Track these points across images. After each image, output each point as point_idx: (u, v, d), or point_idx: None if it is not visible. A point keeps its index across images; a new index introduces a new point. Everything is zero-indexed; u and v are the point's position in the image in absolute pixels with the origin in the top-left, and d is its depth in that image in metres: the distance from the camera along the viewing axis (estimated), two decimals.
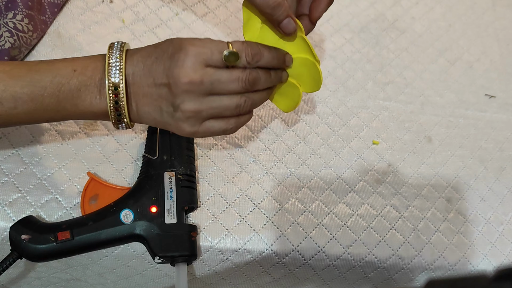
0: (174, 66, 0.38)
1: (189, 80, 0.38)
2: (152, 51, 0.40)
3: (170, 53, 0.39)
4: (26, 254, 0.42)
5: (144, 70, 0.39)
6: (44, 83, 0.38)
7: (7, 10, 0.51)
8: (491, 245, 0.60)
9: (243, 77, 0.40)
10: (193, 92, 0.38)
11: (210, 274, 0.52)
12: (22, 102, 0.38)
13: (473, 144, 0.68)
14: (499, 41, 0.81)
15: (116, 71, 0.39)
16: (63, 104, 0.39)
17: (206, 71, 0.38)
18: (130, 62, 0.40)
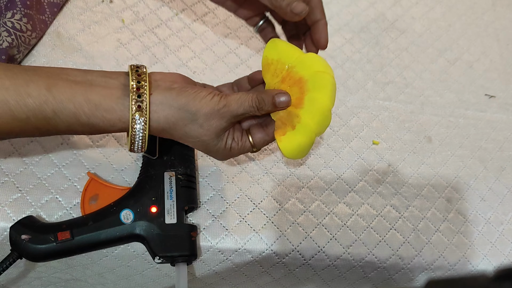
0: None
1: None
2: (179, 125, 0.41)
3: (203, 151, 0.44)
4: (26, 254, 0.42)
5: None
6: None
7: (6, 10, 0.51)
8: (491, 245, 0.60)
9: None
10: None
11: (210, 274, 0.52)
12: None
13: (473, 144, 0.68)
14: (499, 41, 0.81)
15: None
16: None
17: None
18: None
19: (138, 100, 0.38)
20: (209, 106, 0.40)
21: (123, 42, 0.59)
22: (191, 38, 0.63)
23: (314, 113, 0.42)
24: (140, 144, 0.40)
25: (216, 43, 0.63)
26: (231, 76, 0.62)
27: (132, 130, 0.38)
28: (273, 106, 0.41)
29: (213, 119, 0.40)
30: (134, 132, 0.39)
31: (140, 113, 0.38)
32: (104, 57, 0.57)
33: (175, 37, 0.62)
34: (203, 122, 0.40)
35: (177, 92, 0.39)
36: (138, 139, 0.39)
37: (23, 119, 0.36)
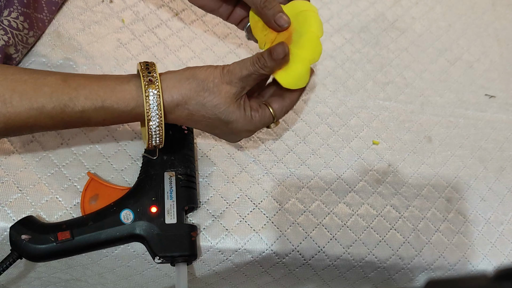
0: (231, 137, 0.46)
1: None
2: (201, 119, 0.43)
3: (223, 130, 0.44)
4: (26, 254, 0.42)
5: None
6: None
7: (4, 8, 0.51)
8: (491, 245, 0.60)
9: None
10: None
11: (210, 274, 0.52)
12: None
13: (473, 144, 0.68)
14: (499, 41, 0.81)
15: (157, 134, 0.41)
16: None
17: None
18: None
19: (149, 75, 0.40)
20: (214, 73, 0.41)
21: (123, 42, 0.59)
22: (191, 38, 0.63)
23: (302, 43, 0.44)
24: (157, 124, 0.40)
25: (216, 43, 0.63)
26: None
27: (146, 103, 0.39)
28: (271, 59, 0.41)
29: (221, 84, 0.41)
30: (148, 108, 0.39)
31: (153, 85, 0.39)
32: (104, 57, 0.57)
33: (175, 37, 0.62)
34: (213, 87, 0.41)
35: (182, 70, 0.42)
36: (154, 116, 0.39)
37: (39, 107, 0.37)
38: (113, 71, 0.57)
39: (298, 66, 0.43)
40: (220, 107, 0.41)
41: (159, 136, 0.41)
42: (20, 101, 0.37)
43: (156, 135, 0.41)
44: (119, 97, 0.39)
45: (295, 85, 0.44)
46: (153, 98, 0.39)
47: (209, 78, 0.41)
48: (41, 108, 0.37)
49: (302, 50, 0.43)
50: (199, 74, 0.41)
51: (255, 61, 0.41)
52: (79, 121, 0.39)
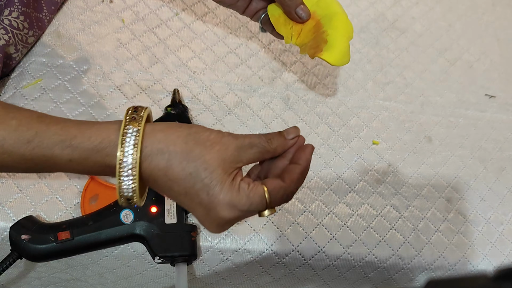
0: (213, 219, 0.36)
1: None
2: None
3: (201, 201, 0.35)
4: (26, 254, 0.42)
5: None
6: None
7: (4, 8, 0.51)
8: (491, 245, 0.60)
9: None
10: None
11: (210, 274, 0.52)
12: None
13: (473, 144, 0.68)
14: (499, 41, 0.81)
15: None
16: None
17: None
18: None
19: (134, 113, 0.34)
20: (211, 130, 0.36)
21: (123, 42, 0.59)
22: (191, 38, 0.63)
23: (335, 25, 0.47)
24: (130, 167, 0.32)
25: (216, 43, 0.63)
26: (231, 76, 0.62)
27: (122, 139, 0.32)
28: (280, 136, 0.37)
29: (217, 143, 0.35)
30: (123, 144, 0.32)
31: (134, 123, 0.33)
32: (104, 57, 0.57)
33: (175, 37, 0.62)
34: (206, 141, 0.34)
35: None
36: (128, 156, 0.32)
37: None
38: (113, 71, 0.57)
39: (339, 44, 0.46)
40: (205, 163, 0.33)
41: (132, 188, 0.33)
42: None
43: (129, 182, 0.33)
44: (93, 134, 0.33)
45: (341, 61, 0.47)
46: (131, 135, 0.32)
47: (204, 132, 0.35)
48: (1, 141, 0.32)
49: (337, 30, 0.47)
50: (194, 127, 0.35)
51: (261, 135, 0.37)
52: (42, 160, 0.33)
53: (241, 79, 0.62)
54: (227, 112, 0.59)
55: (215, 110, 0.58)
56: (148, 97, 0.57)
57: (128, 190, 0.33)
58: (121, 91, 0.56)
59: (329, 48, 0.46)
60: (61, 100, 0.53)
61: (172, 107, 0.53)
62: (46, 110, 0.52)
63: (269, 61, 0.65)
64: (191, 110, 0.57)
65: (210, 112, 0.58)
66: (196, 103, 0.58)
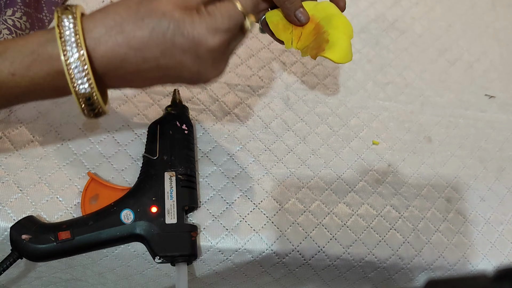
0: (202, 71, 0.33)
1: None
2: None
3: (183, 48, 0.31)
4: (27, 254, 0.42)
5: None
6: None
7: (6, 7, 0.51)
8: (491, 245, 0.60)
9: None
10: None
11: (210, 274, 0.52)
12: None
13: (473, 144, 0.68)
14: (499, 41, 0.81)
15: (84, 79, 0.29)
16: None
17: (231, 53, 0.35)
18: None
19: (65, 6, 0.30)
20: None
21: None
22: None
23: (335, 24, 0.48)
24: (82, 72, 0.29)
25: None
26: (231, 76, 0.62)
27: (60, 36, 0.29)
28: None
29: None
30: (62, 32, 0.29)
31: (68, 12, 0.29)
32: None
33: None
34: (153, 2, 0.31)
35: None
36: (71, 45, 0.29)
37: None
38: None
39: (342, 42, 0.47)
40: (161, 11, 0.30)
41: (87, 78, 0.29)
42: None
43: (82, 77, 0.29)
44: (28, 40, 0.30)
45: (345, 58, 0.47)
46: (68, 22, 0.29)
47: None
48: None
49: (338, 29, 0.47)
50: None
51: None
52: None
53: (241, 79, 0.62)
54: (227, 112, 0.59)
55: (215, 110, 0.58)
56: (148, 97, 0.57)
57: (84, 85, 0.29)
58: (121, 91, 0.56)
59: (331, 46, 0.46)
60: (61, 100, 0.53)
61: (172, 107, 0.53)
62: (46, 110, 0.52)
63: (269, 61, 0.65)
64: (191, 110, 0.57)
65: (210, 112, 0.58)
66: (196, 103, 0.58)
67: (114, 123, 0.54)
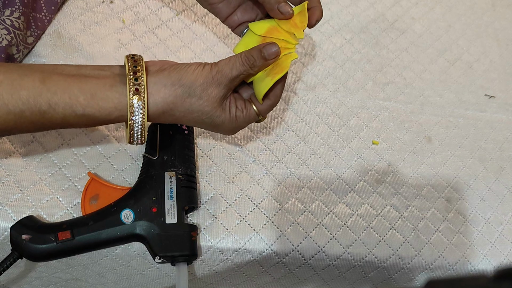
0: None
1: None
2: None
3: (210, 129, 0.45)
4: (27, 254, 0.42)
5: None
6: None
7: (4, 7, 0.51)
8: (491, 245, 0.60)
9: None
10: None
11: (211, 274, 0.52)
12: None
13: (473, 144, 0.68)
14: (499, 41, 0.81)
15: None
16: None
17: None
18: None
19: (136, 83, 0.38)
20: (202, 76, 0.40)
21: (123, 42, 0.59)
22: (192, 38, 0.63)
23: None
24: (139, 134, 0.39)
25: (216, 44, 0.64)
26: None
27: (130, 116, 0.38)
28: (262, 59, 0.42)
29: (209, 87, 0.40)
30: (133, 120, 0.38)
31: (138, 96, 0.38)
32: (105, 57, 0.57)
33: (176, 37, 0.62)
34: (200, 93, 0.40)
35: (169, 71, 0.40)
36: (137, 127, 0.38)
37: (17, 112, 0.36)
38: None
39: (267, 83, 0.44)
40: (207, 113, 0.41)
41: (141, 138, 0.40)
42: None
43: (138, 138, 0.40)
44: (101, 106, 0.38)
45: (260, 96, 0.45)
46: (137, 110, 0.38)
47: (196, 82, 0.40)
48: (19, 113, 0.36)
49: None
50: (186, 79, 0.40)
51: (244, 61, 0.41)
52: (61, 125, 0.39)
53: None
54: None
55: None
56: None
57: (138, 142, 0.40)
58: None
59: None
60: None
61: None
62: None
63: None
64: None
65: None
66: None
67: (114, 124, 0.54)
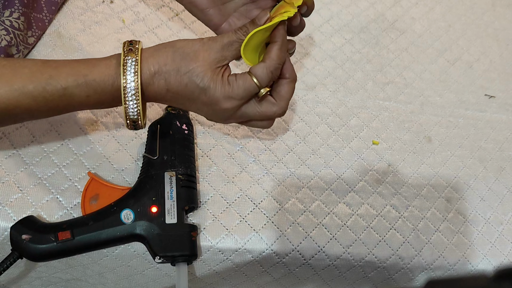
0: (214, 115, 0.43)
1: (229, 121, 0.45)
2: (178, 88, 0.41)
3: (203, 102, 0.42)
4: (27, 254, 0.42)
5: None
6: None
7: (4, 8, 0.51)
8: (491, 245, 0.60)
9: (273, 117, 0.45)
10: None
11: (210, 274, 0.52)
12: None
13: (473, 144, 0.68)
14: (499, 41, 0.81)
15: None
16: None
17: (242, 114, 0.44)
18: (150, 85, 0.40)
19: (130, 46, 0.40)
20: (194, 42, 0.41)
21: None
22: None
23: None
24: (133, 92, 0.39)
25: None
26: None
27: (123, 70, 0.38)
28: (254, 24, 0.42)
29: (201, 52, 0.40)
30: (125, 73, 0.38)
31: (131, 54, 0.39)
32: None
33: (176, 37, 0.62)
34: (190, 53, 0.40)
35: (162, 43, 0.41)
36: (131, 81, 0.38)
37: (18, 87, 0.37)
38: None
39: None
40: (195, 71, 0.40)
41: (136, 109, 0.40)
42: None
43: (133, 107, 0.39)
44: (101, 71, 0.39)
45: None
46: (130, 64, 0.39)
47: (187, 45, 0.41)
48: (21, 88, 0.37)
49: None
50: (178, 43, 0.41)
51: (237, 29, 0.42)
52: (63, 99, 0.39)
53: None
54: None
55: None
56: None
57: (133, 112, 0.40)
58: None
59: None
60: None
61: (172, 107, 0.53)
62: None
63: None
64: None
65: None
66: None
67: (114, 123, 0.54)
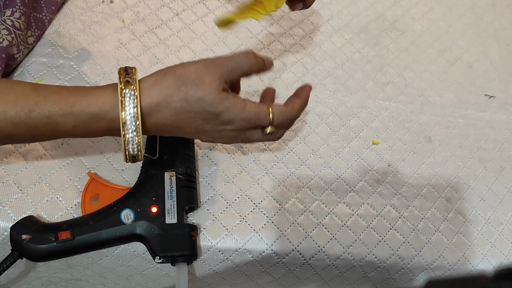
0: (221, 135, 0.41)
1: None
2: (181, 108, 0.38)
3: (213, 126, 0.40)
4: (27, 254, 0.42)
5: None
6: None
7: (5, 7, 0.51)
8: (491, 245, 0.60)
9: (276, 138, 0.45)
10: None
11: (211, 274, 0.52)
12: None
13: (473, 144, 0.68)
14: (499, 41, 0.81)
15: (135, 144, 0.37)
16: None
17: (250, 136, 0.43)
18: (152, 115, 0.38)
19: (127, 77, 0.37)
20: (195, 66, 0.39)
21: (123, 42, 0.59)
22: (192, 38, 0.63)
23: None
24: (133, 129, 0.36)
25: (216, 44, 0.64)
26: None
27: (122, 105, 0.35)
28: (263, 63, 0.43)
29: (204, 75, 0.38)
30: (124, 109, 0.35)
31: (129, 86, 0.36)
32: (105, 57, 0.57)
33: (176, 37, 0.62)
34: (195, 79, 0.38)
35: (158, 71, 0.39)
36: (130, 118, 0.35)
37: (0, 112, 0.35)
38: (114, 71, 0.57)
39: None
40: (206, 99, 0.37)
41: (137, 144, 0.37)
42: None
43: (134, 142, 0.37)
44: (92, 101, 0.36)
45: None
46: (129, 99, 0.35)
47: (189, 71, 0.38)
48: (2, 113, 0.35)
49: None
50: (177, 69, 0.38)
51: (248, 56, 0.41)
52: (47, 128, 0.36)
53: (241, 79, 0.62)
54: None
55: None
56: None
57: (133, 148, 0.37)
58: None
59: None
60: None
61: None
62: None
63: None
64: None
65: None
66: None
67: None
